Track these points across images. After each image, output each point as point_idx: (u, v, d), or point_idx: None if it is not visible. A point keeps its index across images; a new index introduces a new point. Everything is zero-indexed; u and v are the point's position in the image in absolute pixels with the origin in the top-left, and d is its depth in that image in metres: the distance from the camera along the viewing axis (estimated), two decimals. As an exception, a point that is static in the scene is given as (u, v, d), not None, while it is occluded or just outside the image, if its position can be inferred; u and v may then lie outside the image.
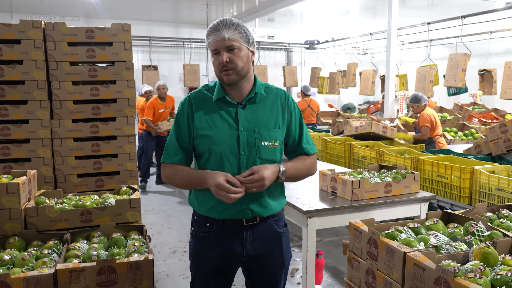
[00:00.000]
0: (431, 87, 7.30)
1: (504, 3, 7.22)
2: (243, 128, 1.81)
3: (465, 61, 6.86)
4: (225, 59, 1.73)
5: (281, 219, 1.98)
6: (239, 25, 1.77)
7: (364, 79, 10.11)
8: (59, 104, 3.26)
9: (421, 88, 7.32)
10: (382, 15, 9.48)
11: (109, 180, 3.41)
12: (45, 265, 2.08)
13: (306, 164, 1.94)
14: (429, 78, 7.27)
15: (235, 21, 1.77)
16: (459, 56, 6.88)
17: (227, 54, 1.74)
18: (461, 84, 6.93)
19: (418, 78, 7.47)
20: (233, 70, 1.76)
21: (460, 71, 6.82)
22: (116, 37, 3.33)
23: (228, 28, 1.74)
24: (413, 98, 5.69)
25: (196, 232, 1.92)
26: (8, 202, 2.47)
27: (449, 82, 7.05)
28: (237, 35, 1.75)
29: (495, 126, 4.35)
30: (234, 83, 1.79)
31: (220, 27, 1.74)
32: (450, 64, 6.99)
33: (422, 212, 3.09)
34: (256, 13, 9.81)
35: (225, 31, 1.73)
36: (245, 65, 1.79)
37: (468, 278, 1.40)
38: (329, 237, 4.82)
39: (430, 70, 7.28)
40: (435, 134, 5.50)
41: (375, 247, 1.76)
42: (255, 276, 1.98)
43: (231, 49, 1.75)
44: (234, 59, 1.75)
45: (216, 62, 1.79)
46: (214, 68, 1.82)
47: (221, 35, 1.73)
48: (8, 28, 3.12)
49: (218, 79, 1.85)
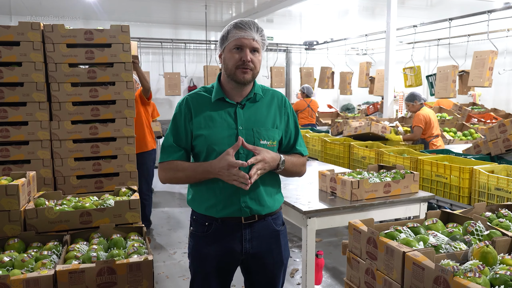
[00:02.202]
0: (454, 87, 7.06)
1: (502, 3, 7.23)
2: (242, 127, 1.83)
3: (492, 59, 6.44)
4: (249, 58, 1.78)
5: (279, 218, 2.00)
6: (264, 32, 1.85)
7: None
8: (58, 106, 3.26)
9: (442, 88, 7.11)
10: (381, 16, 9.50)
11: (109, 181, 3.41)
12: (45, 267, 2.07)
13: (300, 161, 1.99)
14: (452, 78, 7.00)
15: (261, 27, 1.84)
16: (486, 53, 6.47)
17: (251, 54, 1.80)
18: (488, 84, 6.50)
19: (439, 77, 7.24)
20: (252, 70, 1.82)
21: (486, 70, 6.42)
22: (115, 38, 3.33)
23: (257, 31, 1.81)
24: (409, 96, 5.68)
25: (195, 232, 1.93)
26: (8, 204, 2.47)
27: (474, 82, 6.64)
28: (261, 40, 1.83)
29: (494, 126, 4.35)
30: (248, 83, 1.84)
31: (251, 27, 1.79)
32: (475, 63, 6.58)
33: (422, 212, 3.10)
34: (255, 14, 9.82)
35: (256, 32, 1.80)
36: (259, 69, 1.87)
37: (467, 277, 1.40)
38: (328, 237, 4.82)
39: (453, 69, 7.04)
40: (428, 135, 5.48)
41: (375, 247, 1.76)
42: (254, 274, 1.99)
43: (255, 50, 1.81)
44: (255, 60, 1.82)
45: (235, 57, 1.80)
46: (228, 62, 1.82)
47: (250, 34, 1.78)
48: (7, 30, 3.12)
49: (228, 74, 1.84)
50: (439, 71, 7.25)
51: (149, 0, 8.75)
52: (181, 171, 1.84)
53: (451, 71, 7.06)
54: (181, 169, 1.84)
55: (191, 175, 1.84)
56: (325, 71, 11.37)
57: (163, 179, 1.90)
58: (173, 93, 10.24)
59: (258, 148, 1.77)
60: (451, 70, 7.06)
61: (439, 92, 7.15)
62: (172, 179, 1.88)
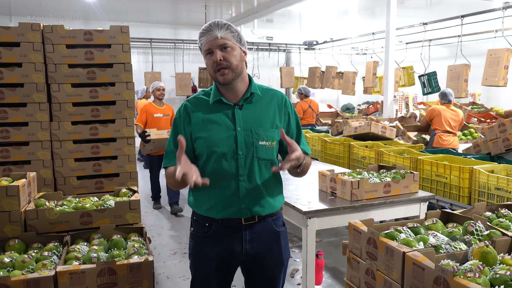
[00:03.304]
0: (466, 86, 6.90)
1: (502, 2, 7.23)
2: (241, 129, 1.83)
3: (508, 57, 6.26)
4: (219, 57, 1.76)
5: (279, 218, 2.00)
6: (230, 25, 1.82)
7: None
8: (58, 107, 3.26)
9: (453, 87, 6.89)
10: (380, 16, 9.50)
11: (109, 182, 3.42)
12: (45, 267, 2.08)
13: (309, 161, 1.96)
14: (464, 77, 6.85)
15: (225, 22, 1.81)
16: (501, 51, 6.28)
17: (221, 53, 1.77)
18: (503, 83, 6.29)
19: (450, 76, 7.06)
20: (228, 68, 1.79)
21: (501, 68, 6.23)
22: (115, 39, 3.33)
23: (220, 28, 1.78)
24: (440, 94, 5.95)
25: (196, 232, 1.93)
26: (8, 205, 2.48)
27: (488, 81, 6.45)
28: (229, 35, 1.79)
29: (494, 126, 4.35)
30: (230, 82, 1.81)
31: (212, 27, 1.78)
32: (489, 61, 6.40)
33: (422, 212, 3.10)
34: (255, 14, 9.83)
35: (218, 30, 1.77)
36: (239, 63, 1.82)
37: (467, 277, 1.41)
38: (329, 237, 4.82)
39: (464, 68, 6.89)
40: (436, 127, 5.71)
41: (375, 247, 1.76)
42: (254, 275, 1.99)
43: (225, 47, 1.78)
44: (228, 57, 1.78)
45: (210, 62, 1.80)
46: (208, 69, 1.84)
47: (213, 34, 1.76)
48: (7, 31, 3.12)
49: (213, 80, 1.86)
50: (449, 70, 7.03)
51: (149, 1, 8.76)
52: (168, 177, 1.86)
53: (463, 70, 6.87)
54: (168, 175, 1.86)
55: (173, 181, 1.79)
56: (330, 70, 11.26)
57: (169, 185, 1.91)
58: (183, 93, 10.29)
59: (294, 142, 1.72)
60: (463, 69, 6.88)
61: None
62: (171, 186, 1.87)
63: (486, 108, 8.98)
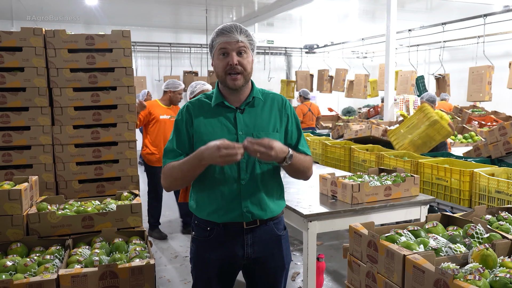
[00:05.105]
0: (489, 89, 6.70)
1: (502, 6, 7.25)
2: (242, 133, 1.84)
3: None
4: (235, 61, 1.77)
5: (281, 222, 2.00)
6: (249, 32, 1.84)
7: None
8: (60, 111, 3.27)
9: (476, 90, 6.71)
10: (381, 19, 9.53)
11: (110, 185, 3.42)
12: (48, 271, 2.09)
13: (307, 160, 1.95)
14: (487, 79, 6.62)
15: (245, 28, 1.84)
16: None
17: (237, 57, 1.79)
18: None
19: (472, 79, 6.82)
20: (241, 74, 1.80)
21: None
22: (116, 43, 3.35)
23: (240, 32, 1.80)
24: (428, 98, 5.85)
25: (197, 237, 1.94)
26: (10, 209, 2.49)
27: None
28: (247, 41, 1.81)
29: (494, 129, 4.36)
30: (240, 88, 1.83)
31: (233, 30, 1.78)
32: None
33: (422, 215, 3.10)
34: (256, 18, 9.87)
35: (238, 34, 1.78)
36: (251, 70, 1.85)
37: (467, 280, 1.41)
38: (329, 240, 4.83)
39: (488, 69, 6.65)
40: None
41: (375, 250, 1.77)
42: (256, 279, 2.00)
43: (241, 52, 1.79)
44: (243, 62, 1.80)
45: (222, 62, 1.80)
46: (217, 69, 1.83)
47: (234, 37, 1.77)
48: (9, 36, 3.14)
49: (220, 81, 1.86)
50: (471, 71, 6.80)
51: (150, 5, 8.80)
52: (177, 168, 1.81)
53: (486, 71, 6.60)
54: (176, 166, 1.81)
55: (185, 168, 1.77)
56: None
57: (165, 185, 1.87)
58: None
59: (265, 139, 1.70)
60: (486, 71, 6.60)
61: (471, 95, 6.70)
62: (172, 182, 1.85)
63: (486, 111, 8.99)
